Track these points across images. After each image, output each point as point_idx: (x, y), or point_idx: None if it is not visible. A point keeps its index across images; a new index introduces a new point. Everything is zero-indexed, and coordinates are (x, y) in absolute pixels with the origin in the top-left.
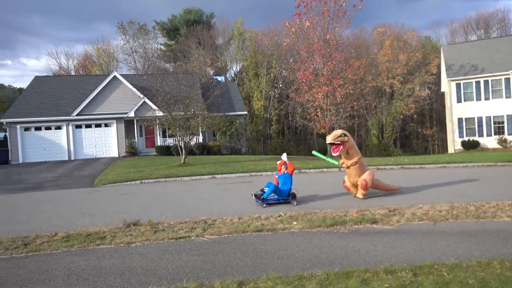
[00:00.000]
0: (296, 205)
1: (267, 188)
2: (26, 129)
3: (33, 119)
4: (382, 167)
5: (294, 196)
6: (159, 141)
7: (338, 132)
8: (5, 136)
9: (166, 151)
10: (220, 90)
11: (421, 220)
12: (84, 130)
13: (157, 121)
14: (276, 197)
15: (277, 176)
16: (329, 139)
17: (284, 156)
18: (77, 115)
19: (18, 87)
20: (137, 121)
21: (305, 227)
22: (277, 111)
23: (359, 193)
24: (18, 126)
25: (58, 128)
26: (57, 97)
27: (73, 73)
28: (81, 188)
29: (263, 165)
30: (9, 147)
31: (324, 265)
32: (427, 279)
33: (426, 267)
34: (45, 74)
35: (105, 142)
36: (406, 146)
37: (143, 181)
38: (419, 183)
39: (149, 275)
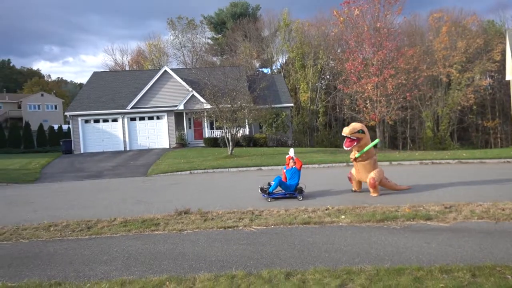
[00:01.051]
0: (302, 200)
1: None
2: (87, 121)
3: (92, 112)
4: (437, 161)
5: (300, 191)
6: (207, 133)
7: (357, 126)
8: (68, 128)
9: (213, 142)
10: (266, 82)
11: (481, 218)
12: (138, 122)
13: (205, 114)
14: (282, 191)
15: (285, 171)
16: (346, 131)
17: (291, 152)
18: (131, 108)
19: (78, 82)
20: (186, 113)
21: (354, 221)
22: (324, 103)
23: (372, 192)
24: (79, 119)
25: (115, 120)
26: (114, 91)
27: (127, 68)
28: (136, 177)
29: (310, 157)
30: (72, 138)
31: (374, 261)
32: (488, 281)
33: (487, 268)
34: (102, 70)
35: (157, 134)
36: (464, 140)
37: (192, 171)
38: (476, 178)
39: (200, 261)
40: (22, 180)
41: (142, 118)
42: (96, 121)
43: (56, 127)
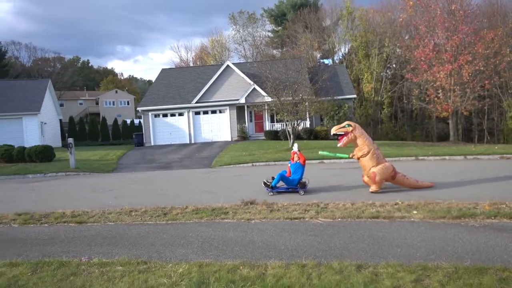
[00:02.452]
0: (303, 194)
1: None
2: (156, 116)
3: (161, 107)
4: None
5: (303, 185)
6: (267, 126)
7: (343, 124)
8: (139, 122)
9: (274, 135)
10: (328, 74)
11: None
12: (202, 116)
13: (266, 107)
14: (285, 185)
15: (289, 165)
16: (332, 130)
17: (295, 147)
18: (196, 102)
19: (147, 79)
20: (247, 107)
21: (427, 217)
22: (389, 93)
23: (372, 187)
24: (149, 114)
25: (181, 114)
26: (180, 87)
27: (191, 64)
28: (201, 168)
29: None
30: (143, 132)
31: (451, 258)
32: None
33: None
34: (168, 67)
35: (219, 127)
36: None
37: (254, 164)
38: None
39: (269, 249)
40: (102, 170)
41: (205, 112)
42: (164, 115)
43: (128, 121)
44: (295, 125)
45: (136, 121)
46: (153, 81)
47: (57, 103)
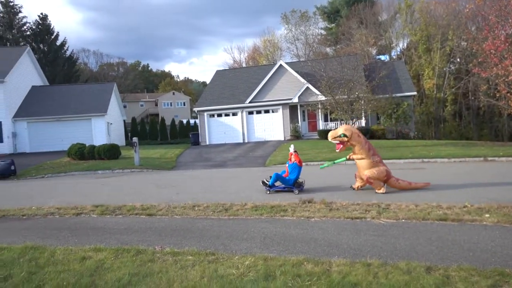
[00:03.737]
0: (298, 193)
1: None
2: (211, 115)
3: (216, 107)
4: None
5: (299, 185)
6: (321, 125)
7: (338, 131)
8: (195, 122)
9: (327, 135)
10: (386, 70)
11: None
12: (255, 115)
13: (320, 106)
14: (282, 185)
15: (287, 165)
16: (328, 136)
17: (291, 148)
18: (249, 102)
19: (202, 81)
20: (300, 106)
21: (501, 221)
22: (453, 89)
23: (377, 189)
24: (205, 114)
25: (234, 114)
26: (233, 87)
27: (244, 65)
28: (255, 167)
29: (437, 150)
30: (199, 131)
31: None
32: None
33: None
34: (222, 68)
35: (272, 127)
36: None
37: (308, 163)
38: None
39: (331, 247)
40: (163, 167)
41: (258, 112)
42: (219, 115)
43: (184, 121)
44: (351, 124)
45: (192, 121)
46: (208, 82)
47: (121, 105)
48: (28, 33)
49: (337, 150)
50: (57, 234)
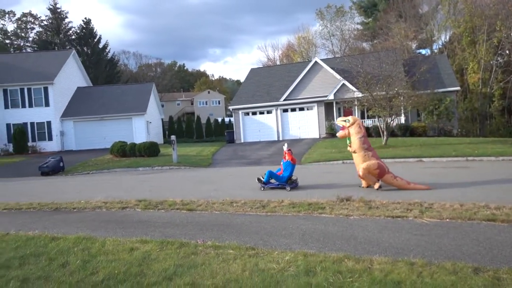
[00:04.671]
0: (289, 190)
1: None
2: (246, 114)
3: (250, 105)
4: None
5: (291, 182)
6: None
7: (348, 117)
8: (229, 120)
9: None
10: (427, 65)
11: None
12: (289, 113)
13: (357, 103)
14: (276, 182)
15: (282, 163)
16: (337, 121)
17: (285, 146)
18: (283, 100)
19: (236, 79)
20: (336, 103)
21: None
22: (501, 84)
23: (368, 184)
24: (240, 112)
25: (269, 112)
26: (268, 85)
27: (278, 62)
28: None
29: (483, 148)
30: (234, 129)
31: None
32: None
33: None
34: (256, 66)
35: (307, 124)
36: None
37: (344, 161)
38: None
39: (372, 245)
40: (199, 164)
41: (293, 109)
42: (254, 113)
43: (219, 119)
44: (389, 121)
45: (227, 119)
46: (242, 81)
47: (159, 104)
48: (73, 37)
49: (338, 135)
50: (106, 226)
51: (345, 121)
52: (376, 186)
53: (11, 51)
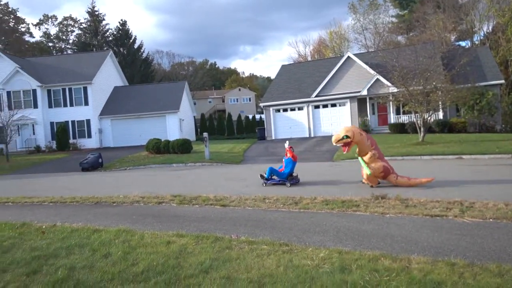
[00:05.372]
0: (290, 186)
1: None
2: (277, 110)
3: (281, 102)
4: None
5: (292, 178)
6: (392, 118)
7: (340, 134)
8: (260, 117)
9: (400, 128)
10: (467, 58)
11: None
12: (321, 110)
13: (391, 98)
14: (277, 178)
15: (284, 160)
16: (332, 141)
17: (286, 144)
18: (315, 96)
19: (266, 76)
20: (370, 98)
21: None
22: None
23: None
24: (271, 109)
25: (300, 109)
26: (299, 81)
27: (309, 58)
28: (323, 162)
29: None
30: (265, 126)
31: None
32: None
33: None
34: (287, 63)
35: (339, 120)
36: None
37: None
38: None
39: (410, 244)
40: (231, 161)
41: (325, 106)
42: (285, 110)
43: (250, 116)
44: (426, 117)
45: (257, 116)
46: (272, 77)
47: (191, 102)
48: (110, 38)
49: (344, 152)
50: (143, 220)
51: (343, 138)
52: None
53: (53, 53)
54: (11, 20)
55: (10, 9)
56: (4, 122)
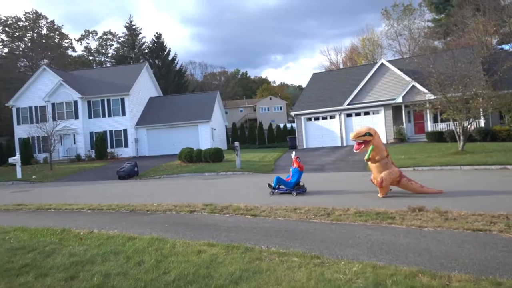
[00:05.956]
0: (296, 196)
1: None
2: (308, 119)
3: (313, 110)
4: None
5: (299, 187)
6: (429, 126)
7: (363, 130)
8: (291, 126)
9: (438, 137)
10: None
11: None
12: (354, 118)
13: (428, 105)
14: (284, 187)
15: (291, 169)
16: (351, 136)
17: (292, 154)
18: (348, 104)
19: (297, 85)
20: (405, 106)
21: None
22: None
23: (379, 192)
24: (302, 118)
25: (332, 117)
26: (331, 89)
27: (341, 66)
28: (355, 171)
29: None
30: (296, 135)
31: None
32: None
33: None
34: (318, 71)
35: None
36: None
37: (415, 168)
38: None
39: (449, 260)
40: (262, 170)
41: (358, 114)
42: (316, 118)
43: (282, 125)
44: (466, 124)
45: (289, 125)
46: (303, 86)
47: (223, 111)
48: (146, 51)
49: (355, 150)
50: (175, 228)
51: (365, 135)
52: (382, 195)
53: (93, 67)
54: (56, 36)
55: (55, 26)
56: (49, 132)
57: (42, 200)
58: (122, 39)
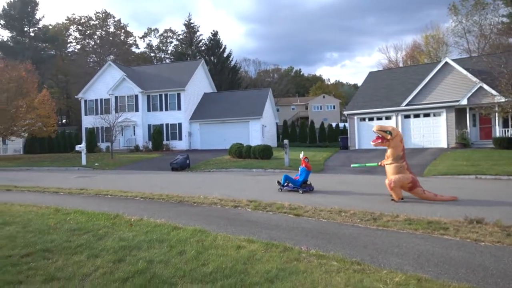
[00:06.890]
0: (301, 193)
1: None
2: (362, 119)
3: (367, 110)
4: None
5: (306, 186)
6: (497, 131)
7: (388, 127)
8: (344, 126)
9: (507, 143)
10: None
11: None
12: (412, 119)
13: (498, 108)
14: (292, 185)
15: (300, 169)
16: (375, 128)
17: (301, 155)
18: (406, 105)
19: (353, 83)
20: (470, 109)
21: None
22: None
23: (393, 195)
24: (355, 117)
25: (388, 118)
26: (388, 89)
27: (401, 65)
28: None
29: None
30: (348, 135)
31: None
32: None
33: None
34: (375, 69)
35: (432, 132)
36: None
37: (478, 176)
38: None
39: (508, 280)
40: (313, 170)
41: (416, 116)
42: (370, 119)
43: (334, 124)
44: None
45: (341, 125)
46: (359, 85)
47: (275, 109)
48: (202, 48)
49: (372, 143)
50: (218, 221)
51: (385, 132)
52: (398, 199)
53: (154, 63)
54: (122, 34)
55: (121, 25)
56: (111, 123)
57: (102, 185)
58: (181, 36)
